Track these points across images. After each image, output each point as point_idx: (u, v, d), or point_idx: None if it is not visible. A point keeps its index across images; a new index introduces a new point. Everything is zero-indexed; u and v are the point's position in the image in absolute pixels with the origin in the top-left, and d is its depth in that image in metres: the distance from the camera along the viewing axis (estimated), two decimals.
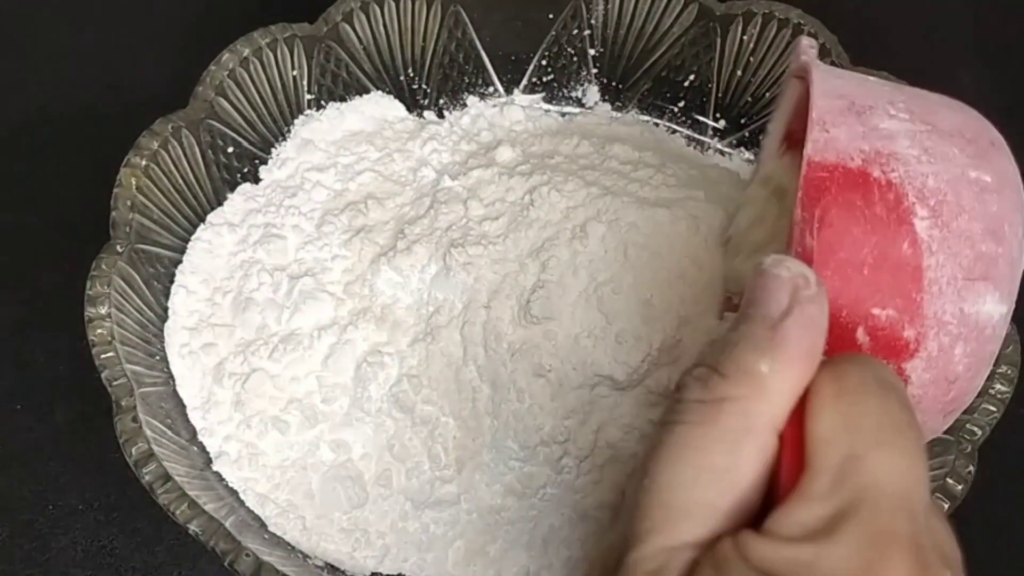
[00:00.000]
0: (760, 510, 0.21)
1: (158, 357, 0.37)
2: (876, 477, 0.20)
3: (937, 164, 0.24)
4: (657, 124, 0.46)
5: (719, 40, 0.44)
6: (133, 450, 0.32)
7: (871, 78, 0.27)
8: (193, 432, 0.36)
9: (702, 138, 0.46)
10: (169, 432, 0.34)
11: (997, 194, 0.24)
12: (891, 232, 0.23)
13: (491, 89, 0.47)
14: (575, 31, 0.46)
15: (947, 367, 0.24)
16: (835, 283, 0.23)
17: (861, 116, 0.25)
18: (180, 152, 0.39)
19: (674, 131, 0.46)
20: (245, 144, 0.42)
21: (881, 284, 0.23)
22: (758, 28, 0.43)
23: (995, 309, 0.24)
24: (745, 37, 0.43)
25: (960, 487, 0.34)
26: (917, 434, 0.22)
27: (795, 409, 0.22)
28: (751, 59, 0.44)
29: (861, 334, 0.24)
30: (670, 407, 0.23)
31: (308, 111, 0.43)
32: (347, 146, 0.42)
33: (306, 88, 0.43)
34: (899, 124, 0.25)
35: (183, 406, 0.36)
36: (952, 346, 0.24)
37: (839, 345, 0.23)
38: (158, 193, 0.38)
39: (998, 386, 0.35)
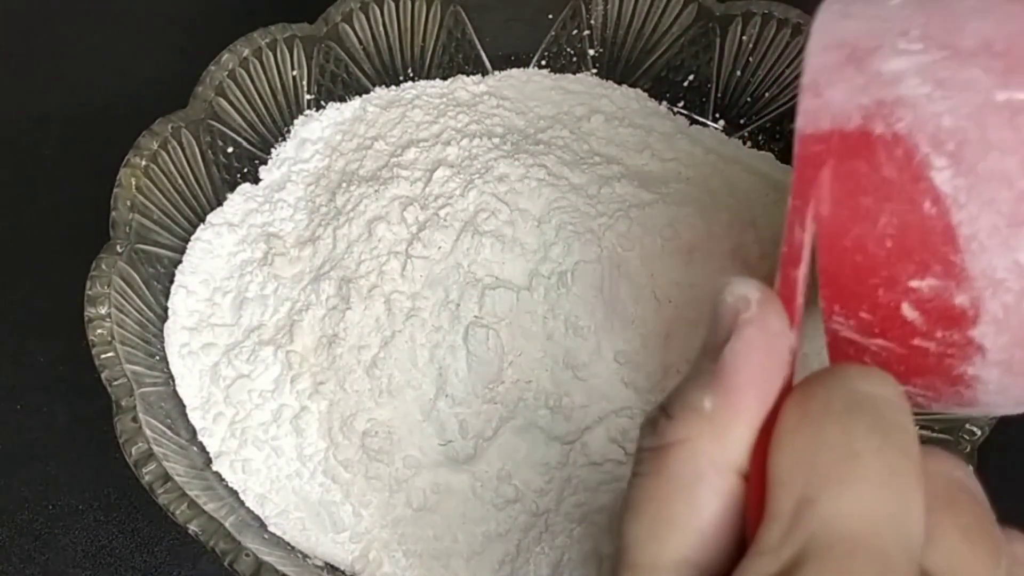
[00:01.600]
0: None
1: (158, 357, 0.37)
2: (827, 522, 0.18)
3: (954, 97, 0.20)
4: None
5: (718, 40, 0.44)
6: (133, 450, 0.32)
7: (893, 1, 0.23)
8: (193, 432, 0.36)
9: None
10: (169, 432, 0.34)
11: None
12: (907, 193, 0.20)
13: None
14: (574, 31, 0.46)
15: (1023, 325, 0.20)
16: (858, 262, 0.21)
17: (863, 63, 0.21)
18: (180, 152, 0.39)
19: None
20: (245, 144, 0.42)
21: (911, 253, 0.20)
22: (757, 28, 0.43)
23: None
24: (744, 37, 0.43)
25: None
26: (891, 460, 0.19)
27: (761, 443, 0.20)
28: (751, 59, 0.44)
29: (908, 310, 0.21)
30: (634, 459, 0.21)
31: (308, 111, 0.43)
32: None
33: (306, 88, 0.43)
34: (909, 60, 0.21)
35: (183, 406, 0.36)
36: (1020, 302, 0.20)
37: (889, 328, 0.21)
38: (158, 193, 0.39)
39: None
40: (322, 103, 0.44)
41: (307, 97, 0.43)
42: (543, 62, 0.46)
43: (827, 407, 0.19)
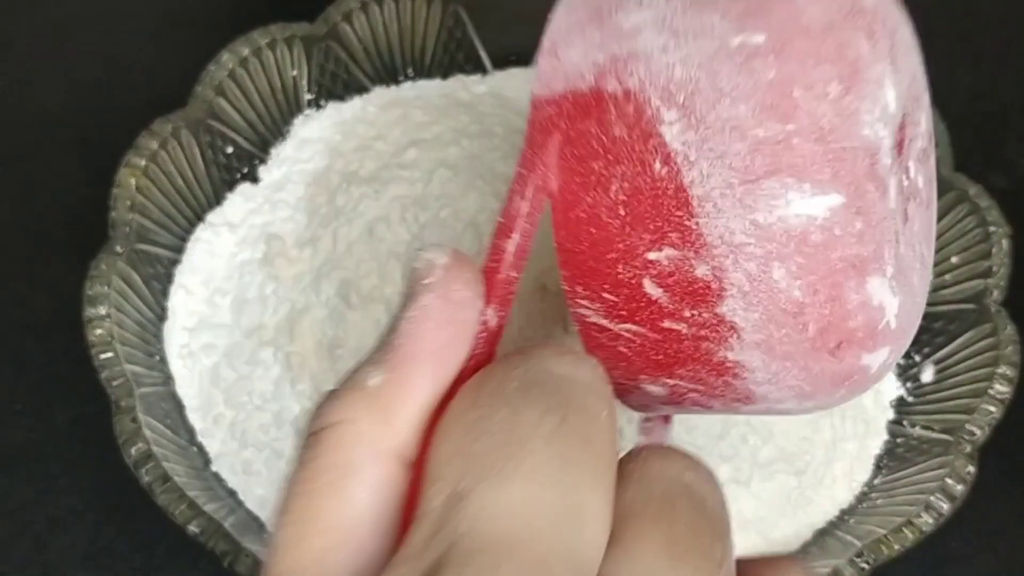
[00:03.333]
0: None
1: (157, 357, 0.37)
2: (478, 521, 0.15)
3: (687, 46, 0.18)
4: None
5: None
6: (132, 450, 0.32)
7: None
8: (192, 432, 0.36)
9: None
10: (168, 432, 0.34)
11: (775, 55, 0.17)
12: (637, 153, 0.18)
13: None
14: None
15: (775, 297, 0.18)
16: (593, 235, 0.19)
17: (604, 20, 0.19)
18: (179, 152, 0.39)
19: None
20: (244, 144, 0.42)
21: (645, 221, 0.18)
22: None
23: (810, 206, 0.17)
24: None
25: (960, 487, 0.34)
26: (564, 449, 0.15)
27: (434, 429, 0.17)
28: None
29: (651, 287, 0.18)
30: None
31: (308, 111, 0.43)
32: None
33: (305, 88, 0.43)
34: (648, 12, 0.19)
35: (182, 406, 0.36)
36: (766, 270, 0.18)
37: (635, 309, 0.19)
38: (157, 193, 0.38)
39: (998, 386, 0.35)
40: (322, 103, 0.44)
41: (307, 97, 0.43)
42: None
43: (501, 388, 0.16)
